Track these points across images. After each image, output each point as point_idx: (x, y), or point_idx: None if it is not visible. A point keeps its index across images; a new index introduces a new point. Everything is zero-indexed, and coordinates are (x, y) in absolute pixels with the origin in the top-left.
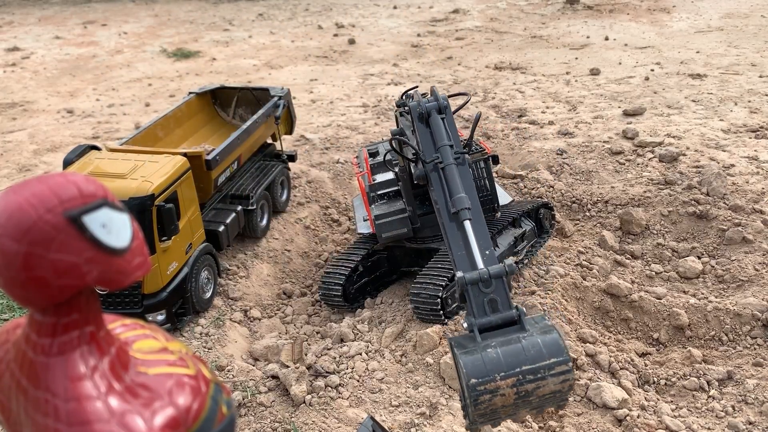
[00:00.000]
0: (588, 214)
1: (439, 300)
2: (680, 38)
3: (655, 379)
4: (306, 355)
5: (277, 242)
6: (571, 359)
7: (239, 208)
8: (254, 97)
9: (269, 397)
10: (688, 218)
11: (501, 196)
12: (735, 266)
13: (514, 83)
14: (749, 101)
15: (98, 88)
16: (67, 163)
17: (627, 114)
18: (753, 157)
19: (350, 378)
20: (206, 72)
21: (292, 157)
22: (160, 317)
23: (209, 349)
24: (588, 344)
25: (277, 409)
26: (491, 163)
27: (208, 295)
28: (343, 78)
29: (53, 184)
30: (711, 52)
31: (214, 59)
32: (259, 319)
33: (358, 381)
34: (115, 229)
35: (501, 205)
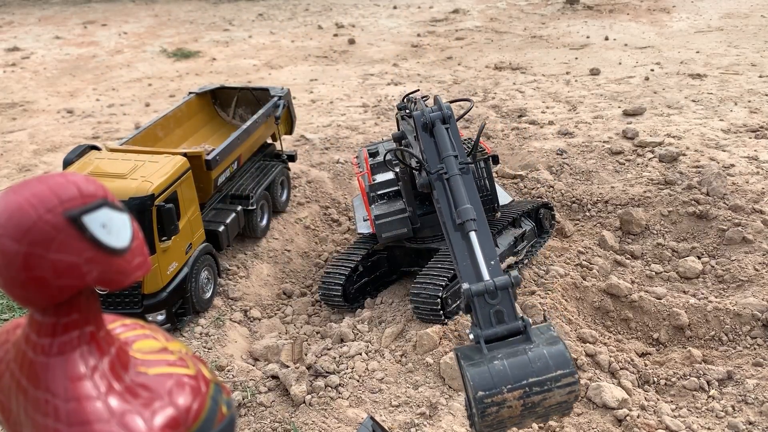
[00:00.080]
0: (588, 214)
1: (439, 300)
2: (680, 38)
3: (655, 379)
4: (306, 355)
5: (277, 242)
6: (577, 371)
7: (239, 208)
8: (254, 97)
9: (269, 397)
10: (688, 218)
11: (501, 196)
12: (735, 266)
13: (514, 83)
14: (749, 101)
15: (98, 88)
16: (67, 163)
17: (627, 114)
18: (753, 157)
19: (350, 378)
20: (206, 72)
21: (292, 157)
22: (160, 317)
23: (209, 349)
24: (588, 344)
25: (277, 409)
26: (491, 163)
27: (208, 295)
28: (343, 78)
29: (53, 184)
30: (711, 52)
31: (214, 59)
32: (259, 319)
33: (358, 381)
34: (115, 229)
35: (501, 205)
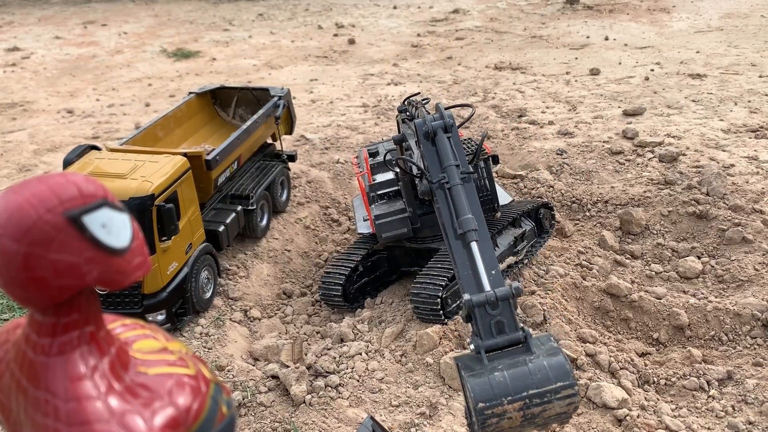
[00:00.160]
0: (588, 214)
1: (439, 300)
2: (680, 38)
3: (655, 379)
4: (306, 355)
5: (277, 242)
6: (576, 383)
7: (239, 208)
8: (254, 97)
9: (269, 397)
10: (688, 218)
11: (501, 196)
12: (735, 266)
13: (514, 83)
14: (749, 101)
15: (98, 88)
16: (67, 163)
17: (627, 114)
18: (753, 157)
19: (350, 378)
20: (206, 72)
21: (292, 157)
22: (160, 317)
23: (209, 349)
24: (588, 344)
25: (277, 409)
26: (491, 163)
27: (208, 295)
28: (343, 78)
29: (53, 184)
30: (711, 52)
31: (214, 59)
32: (259, 319)
33: (358, 381)
34: (115, 229)
35: (501, 205)
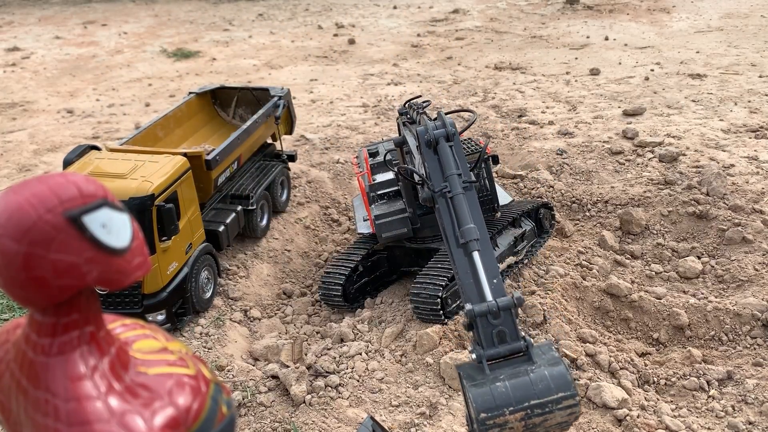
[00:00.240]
0: (588, 214)
1: (439, 300)
2: (680, 38)
3: (655, 379)
4: (306, 355)
5: (277, 242)
6: (578, 393)
7: (239, 208)
8: (254, 97)
9: (269, 397)
10: (688, 218)
11: (501, 196)
12: (735, 266)
13: (514, 83)
14: (749, 101)
15: (98, 88)
16: (67, 163)
17: (627, 114)
18: (753, 157)
19: (350, 378)
20: (206, 72)
21: (292, 157)
22: (160, 317)
23: (209, 349)
24: (588, 344)
25: (277, 409)
26: (491, 163)
27: (208, 295)
28: (343, 78)
29: (53, 184)
30: (711, 52)
31: (214, 59)
32: (259, 319)
33: (358, 381)
34: (115, 229)
35: (501, 205)
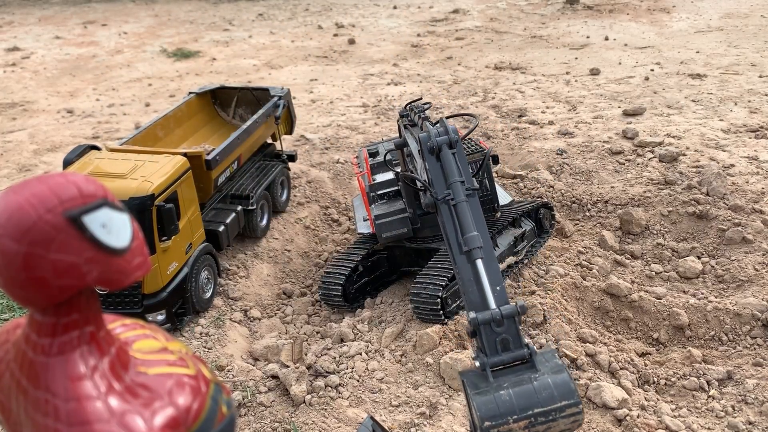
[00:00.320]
0: (588, 214)
1: (439, 300)
2: (680, 38)
3: (655, 379)
4: (306, 355)
5: (277, 242)
6: (581, 401)
7: (239, 208)
8: (254, 97)
9: (269, 397)
10: (688, 218)
11: (501, 196)
12: (735, 266)
13: (514, 83)
14: (749, 101)
15: (98, 88)
16: (67, 163)
17: (627, 114)
18: (753, 157)
19: (350, 378)
20: (206, 72)
21: (292, 157)
22: (160, 317)
23: (209, 349)
24: (588, 344)
25: (277, 409)
26: (491, 163)
27: (208, 295)
28: (343, 78)
29: (53, 184)
30: (711, 52)
31: (214, 59)
32: (259, 319)
33: (358, 381)
34: (115, 229)
35: (501, 205)
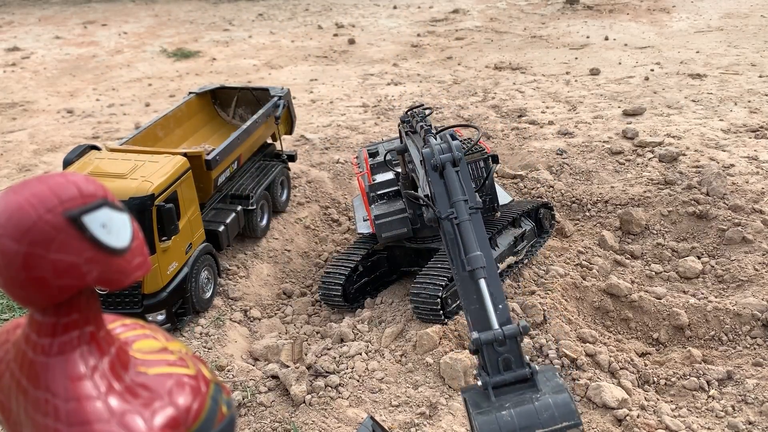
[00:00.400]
0: (588, 214)
1: (439, 300)
2: (680, 38)
3: (655, 379)
4: (306, 355)
5: (277, 242)
6: (581, 422)
7: (239, 208)
8: (254, 97)
9: (269, 397)
10: (687, 218)
11: (501, 196)
12: (735, 266)
13: (514, 83)
14: (749, 101)
15: (98, 88)
16: (67, 163)
17: (627, 114)
18: (753, 157)
19: (350, 378)
20: (206, 72)
21: (292, 157)
22: (160, 317)
23: (209, 349)
24: (588, 344)
25: (277, 409)
26: (491, 163)
27: (208, 295)
28: (343, 78)
29: (53, 184)
30: (711, 52)
31: (214, 59)
32: (259, 319)
33: (358, 381)
34: (115, 229)
35: (501, 205)
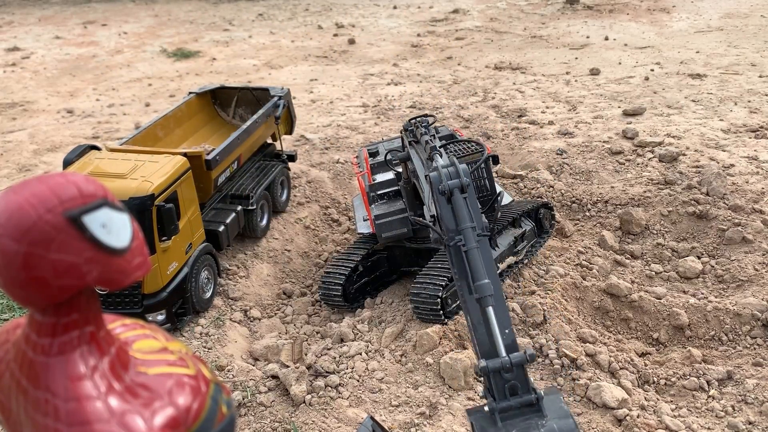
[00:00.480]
0: (588, 214)
1: (439, 300)
2: (680, 38)
3: (655, 379)
4: (306, 355)
5: (277, 242)
6: None
7: (239, 208)
8: (254, 97)
9: (269, 397)
10: (687, 218)
11: (502, 197)
12: (735, 266)
13: (514, 83)
14: (749, 101)
15: (98, 88)
16: (67, 163)
17: (627, 114)
18: (753, 157)
19: (350, 378)
20: (206, 72)
21: (292, 157)
22: (160, 317)
23: (209, 349)
24: (588, 344)
25: (277, 409)
26: (491, 163)
27: (208, 295)
28: (343, 78)
29: (53, 184)
30: (711, 52)
31: (214, 59)
32: (259, 319)
33: (358, 381)
34: (115, 229)
35: (501, 205)
